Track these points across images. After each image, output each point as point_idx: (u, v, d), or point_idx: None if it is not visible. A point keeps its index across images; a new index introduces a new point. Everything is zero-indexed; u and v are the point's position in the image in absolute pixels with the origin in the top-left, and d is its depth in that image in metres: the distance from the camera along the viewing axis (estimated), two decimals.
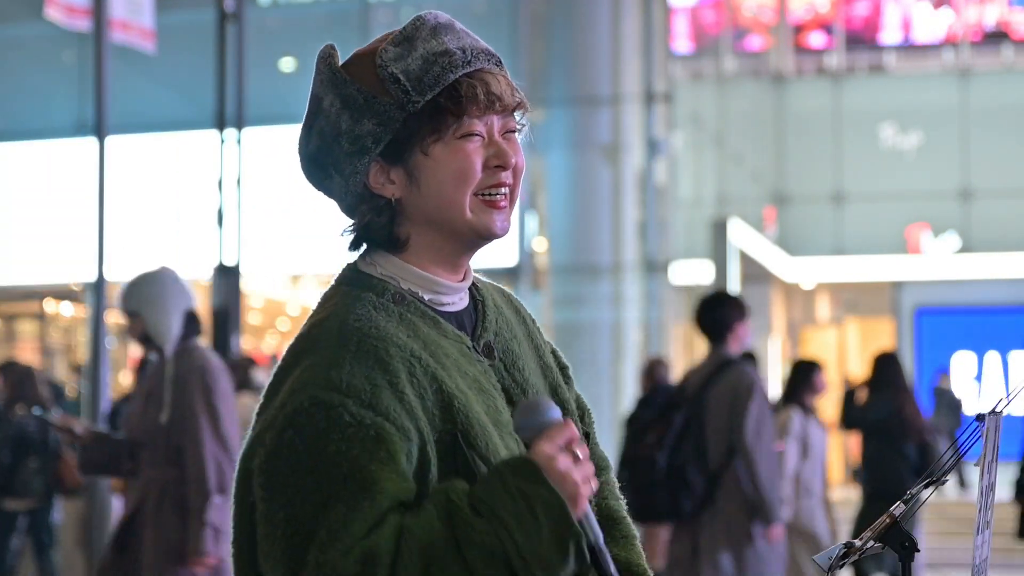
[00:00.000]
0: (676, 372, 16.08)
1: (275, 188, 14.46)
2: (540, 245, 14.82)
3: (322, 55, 1.77)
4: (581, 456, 1.62)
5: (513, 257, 14.31)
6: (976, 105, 18.49)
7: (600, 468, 1.92)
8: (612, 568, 1.65)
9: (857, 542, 1.83)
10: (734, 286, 15.04)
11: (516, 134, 1.80)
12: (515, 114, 1.80)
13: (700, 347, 17.18)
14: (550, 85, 14.48)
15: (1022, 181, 18.18)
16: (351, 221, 1.80)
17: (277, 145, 14.40)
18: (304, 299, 17.33)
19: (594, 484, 1.63)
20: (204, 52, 11.08)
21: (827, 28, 20.01)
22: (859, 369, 19.58)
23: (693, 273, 16.51)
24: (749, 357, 6.02)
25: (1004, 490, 9.58)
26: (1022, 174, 18.29)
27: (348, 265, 1.81)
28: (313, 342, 1.68)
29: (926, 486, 1.83)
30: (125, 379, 17.02)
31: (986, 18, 19.72)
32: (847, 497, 15.76)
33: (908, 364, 17.87)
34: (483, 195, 1.74)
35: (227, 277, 9.67)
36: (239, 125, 9.99)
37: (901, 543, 1.81)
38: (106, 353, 8.20)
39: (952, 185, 18.31)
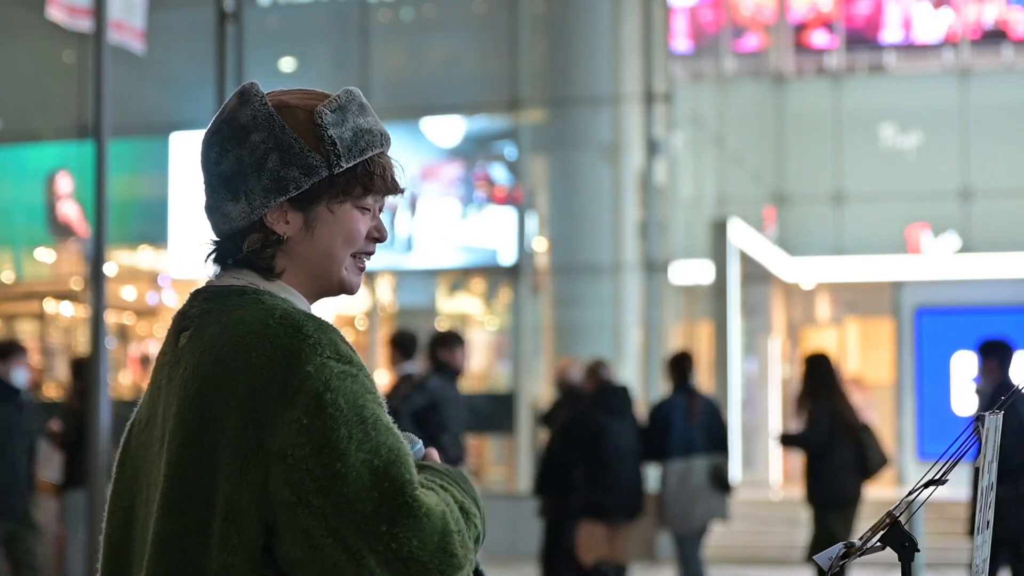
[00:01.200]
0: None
1: None
2: (540, 245, 14.82)
3: (256, 93, 1.95)
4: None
5: (513, 257, 14.32)
6: (976, 105, 18.49)
7: None
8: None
9: (857, 542, 1.83)
10: (734, 286, 15.04)
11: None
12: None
13: (700, 346, 17.19)
14: (550, 85, 14.48)
15: (1022, 181, 18.18)
16: (214, 236, 1.98)
17: None
18: None
19: None
20: (204, 52, 11.08)
21: (829, 27, 20.02)
22: (859, 369, 19.59)
23: (693, 273, 16.51)
24: None
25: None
26: (1022, 174, 18.29)
27: (228, 280, 1.97)
28: (296, 328, 1.85)
29: (926, 486, 1.83)
30: (125, 379, 17.02)
31: (985, 17, 19.73)
32: None
33: (908, 364, 17.88)
34: (356, 257, 1.99)
35: None
36: None
37: (901, 543, 1.81)
38: (106, 353, 8.20)
39: (952, 185, 18.32)
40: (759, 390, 18.20)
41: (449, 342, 8.30)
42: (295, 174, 1.91)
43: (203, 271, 2.02)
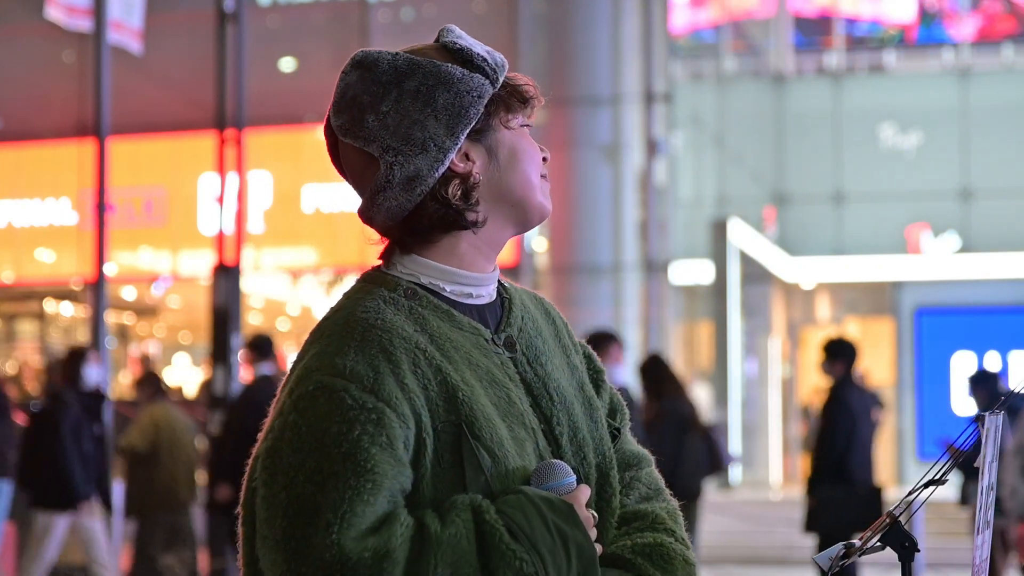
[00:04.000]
0: (677, 370, 16.07)
1: (275, 188, 14.46)
2: (540, 245, 14.82)
3: (380, 52, 1.82)
4: (594, 519, 1.73)
5: (513, 257, 14.32)
6: (976, 105, 18.49)
7: (636, 462, 1.96)
8: None
9: (857, 542, 1.83)
10: (734, 286, 15.04)
11: None
12: None
13: (700, 346, 17.18)
14: (550, 85, 14.48)
15: (1022, 181, 18.18)
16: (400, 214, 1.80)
17: (277, 145, 14.39)
18: (304, 299, 17.33)
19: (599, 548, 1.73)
20: (204, 52, 11.09)
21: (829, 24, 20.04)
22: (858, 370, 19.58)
23: (693, 273, 16.50)
24: None
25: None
26: (1022, 174, 18.29)
27: (373, 267, 1.86)
28: (320, 333, 1.74)
29: (926, 486, 1.83)
30: (125, 379, 17.02)
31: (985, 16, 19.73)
32: None
33: (908, 364, 17.87)
34: (541, 176, 1.86)
35: (227, 277, 9.67)
36: (239, 125, 9.99)
37: (901, 543, 1.81)
38: (106, 353, 8.20)
39: (952, 185, 18.31)
40: (759, 390, 18.20)
41: None
42: (470, 99, 1.78)
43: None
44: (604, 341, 8.19)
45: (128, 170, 13.93)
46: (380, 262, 1.85)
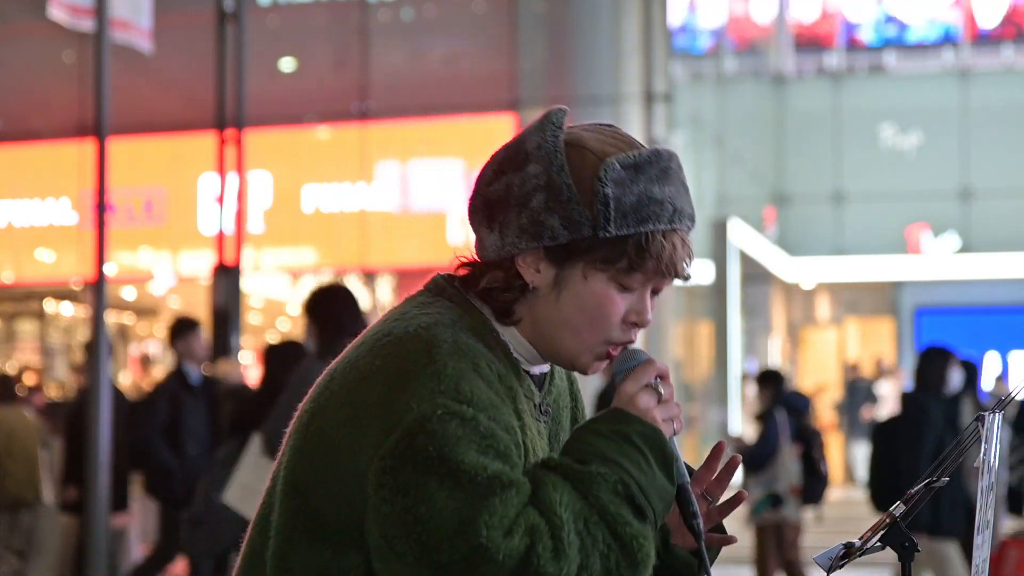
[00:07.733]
0: (678, 369, 16.08)
1: (275, 188, 14.46)
2: None
3: (554, 121, 1.74)
4: (665, 395, 1.69)
5: None
6: (976, 105, 18.49)
7: None
8: (695, 505, 1.70)
9: (857, 542, 1.83)
10: (734, 286, 15.04)
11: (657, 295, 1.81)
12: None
13: (700, 346, 17.18)
14: (550, 85, 14.48)
15: (1022, 181, 18.18)
16: (467, 256, 1.77)
17: (277, 145, 14.39)
18: (304, 299, 17.33)
19: (677, 426, 1.69)
20: (204, 52, 11.09)
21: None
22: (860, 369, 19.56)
23: (693, 273, 16.50)
24: None
25: None
26: (1022, 174, 18.28)
27: (444, 276, 1.79)
28: (427, 346, 1.65)
29: (926, 486, 1.83)
30: (125, 379, 17.02)
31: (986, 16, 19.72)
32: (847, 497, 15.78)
33: (908, 364, 17.87)
34: (608, 344, 1.75)
35: (227, 277, 9.68)
36: (239, 125, 9.99)
37: (901, 543, 1.81)
38: (107, 353, 8.20)
39: (952, 185, 18.31)
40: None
41: None
42: (555, 223, 1.67)
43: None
44: None
45: (128, 170, 13.92)
46: (464, 272, 1.77)
